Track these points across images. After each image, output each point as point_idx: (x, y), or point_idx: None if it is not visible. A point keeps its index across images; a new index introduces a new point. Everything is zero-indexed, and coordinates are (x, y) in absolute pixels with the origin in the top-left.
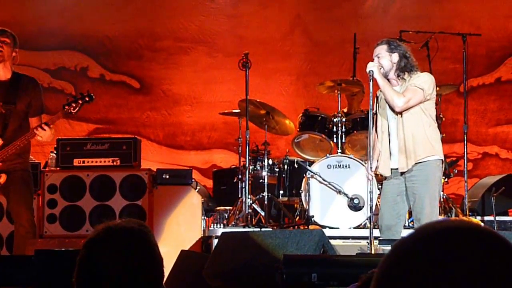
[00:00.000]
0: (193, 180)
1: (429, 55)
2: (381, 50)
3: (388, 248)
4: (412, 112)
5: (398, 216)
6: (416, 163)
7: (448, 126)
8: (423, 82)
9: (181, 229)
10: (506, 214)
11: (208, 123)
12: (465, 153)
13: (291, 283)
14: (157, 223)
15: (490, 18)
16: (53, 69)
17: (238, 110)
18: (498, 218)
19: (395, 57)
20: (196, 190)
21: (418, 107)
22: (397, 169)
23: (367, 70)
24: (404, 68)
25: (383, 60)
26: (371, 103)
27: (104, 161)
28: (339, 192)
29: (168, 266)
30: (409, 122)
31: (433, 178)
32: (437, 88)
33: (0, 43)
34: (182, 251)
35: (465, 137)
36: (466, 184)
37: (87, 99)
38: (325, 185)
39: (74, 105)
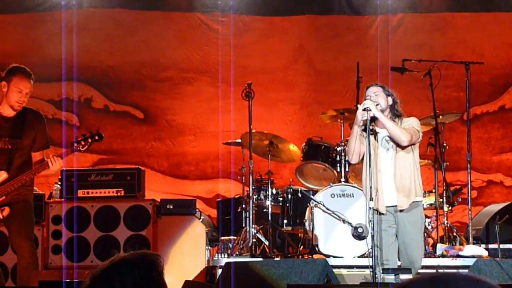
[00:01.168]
0: (197, 210)
1: (432, 84)
2: (378, 90)
3: (391, 277)
4: (407, 151)
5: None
6: (412, 202)
7: (452, 154)
8: (417, 126)
9: (185, 259)
10: (510, 242)
11: (212, 153)
12: (469, 181)
13: None
14: (161, 253)
15: (493, 46)
16: (57, 100)
17: (240, 140)
18: (502, 246)
19: (390, 100)
20: (200, 220)
21: (411, 148)
22: (392, 206)
23: (364, 107)
24: (396, 113)
25: (380, 98)
26: (369, 141)
27: (108, 192)
28: (343, 221)
29: None
30: (405, 161)
31: (422, 218)
32: (440, 117)
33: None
34: (186, 281)
35: (468, 165)
36: (470, 212)
37: (96, 138)
38: (329, 214)
39: (83, 143)
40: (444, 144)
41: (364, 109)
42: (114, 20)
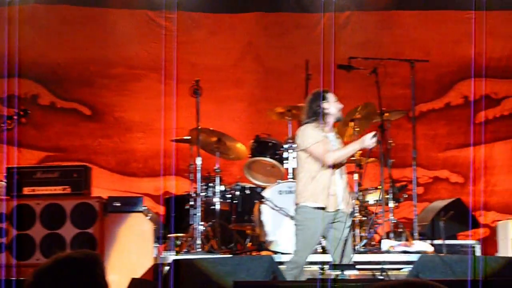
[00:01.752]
0: (144, 207)
1: (378, 81)
2: None
3: (337, 273)
4: None
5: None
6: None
7: (399, 151)
8: None
9: (132, 256)
10: (455, 238)
11: (160, 150)
12: (414, 177)
13: None
14: (108, 250)
15: (439, 44)
16: (2, 97)
17: (189, 137)
18: (447, 241)
19: None
20: (148, 217)
21: None
22: (338, 210)
23: (373, 135)
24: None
25: None
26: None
27: (55, 189)
28: (291, 217)
29: None
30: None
31: None
32: (386, 114)
33: None
34: (133, 279)
35: (414, 162)
36: (415, 208)
37: (22, 113)
38: (277, 211)
39: (9, 121)
40: (390, 141)
41: (373, 136)
42: (62, 16)
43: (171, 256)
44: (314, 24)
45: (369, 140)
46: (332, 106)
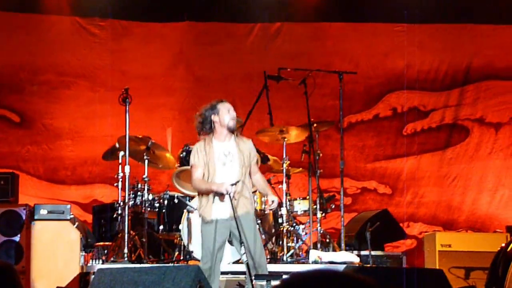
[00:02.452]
0: (71, 215)
1: (306, 92)
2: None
3: (263, 283)
4: None
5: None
6: None
7: (328, 161)
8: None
9: (59, 265)
10: (382, 249)
11: (89, 158)
12: (342, 188)
13: None
14: (35, 258)
15: (369, 55)
16: None
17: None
18: (373, 252)
19: None
20: (75, 225)
21: None
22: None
23: (234, 183)
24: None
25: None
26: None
27: None
28: None
29: None
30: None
31: None
32: (315, 125)
33: None
34: None
35: (341, 173)
36: (342, 219)
37: None
38: None
39: None
40: (318, 152)
41: (232, 184)
42: None
43: (97, 265)
44: (245, 34)
45: (228, 187)
46: (223, 117)
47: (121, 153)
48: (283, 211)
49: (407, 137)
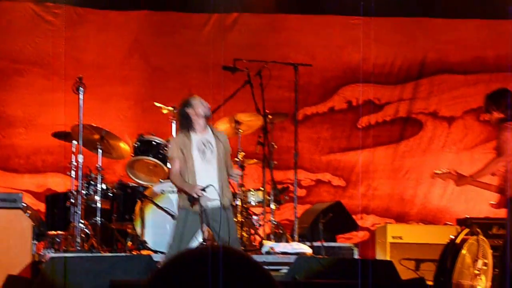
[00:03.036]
0: (23, 204)
1: (262, 84)
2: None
3: None
4: None
5: None
6: None
7: (283, 153)
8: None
9: (10, 253)
10: (334, 240)
11: (43, 146)
12: (295, 180)
13: None
14: None
15: (324, 48)
16: None
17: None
18: (326, 244)
19: None
20: (27, 214)
21: None
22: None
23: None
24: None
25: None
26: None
27: None
28: (173, 217)
29: None
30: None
31: None
32: (270, 116)
33: None
34: (9, 276)
35: (295, 165)
36: (295, 210)
37: None
38: (159, 210)
39: None
40: (273, 143)
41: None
42: None
43: (49, 254)
44: (201, 24)
45: (198, 191)
46: (197, 110)
47: (74, 142)
48: (237, 202)
49: (361, 130)
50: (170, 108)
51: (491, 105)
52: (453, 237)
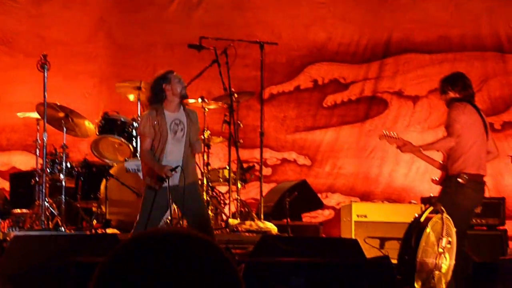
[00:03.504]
0: None
1: (228, 62)
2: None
3: None
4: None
5: None
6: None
7: (248, 132)
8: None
9: None
10: (300, 219)
11: (7, 125)
12: (261, 159)
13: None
14: None
15: (291, 27)
16: None
17: (35, 113)
18: (291, 222)
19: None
20: None
21: None
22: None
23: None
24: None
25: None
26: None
27: None
28: (137, 195)
29: None
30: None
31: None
32: (236, 95)
33: None
34: None
35: (261, 144)
36: (261, 189)
37: None
38: (124, 188)
39: None
40: (239, 122)
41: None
42: None
43: (13, 232)
44: (167, 2)
45: (167, 172)
46: (174, 87)
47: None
48: (203, 181)
49: (327, 109)
50: (131, 88)
51: (447, 85)
52: (417, 216)
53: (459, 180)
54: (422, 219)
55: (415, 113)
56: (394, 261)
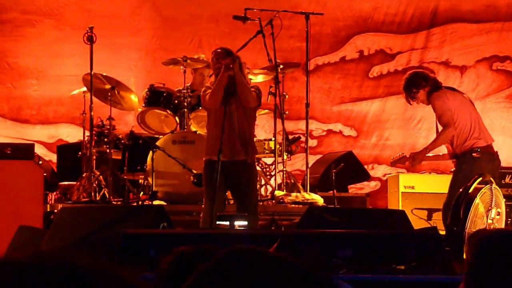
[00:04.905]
0: (35, 154)
1: (273, 33)
2: (225, 55)
3: (226, 223)
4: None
5: None
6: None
7: (294, 103)
8: (260, 94)
9: (22, 204)
10: (346, 190)
11: (54, 97)
12: (307, 130)
13: (129, 258)
14: None
15: None
16: None
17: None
18: (337, 194)
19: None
20: (39, 164)
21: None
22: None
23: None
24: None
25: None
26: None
27: None
28: (184, 167)
29: (8, 242)
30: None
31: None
32: (281, 66)
33: None
34: (21, 226)
35: (306, 115)
36: (307, 160)
37: None
38: (170, 160)
39: None
40: (284, 94)
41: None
42: None
43: (61, 205)
44: None
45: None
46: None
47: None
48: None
49: (373, 80)
50: (177, 59)
51: (411, 89)
52: (466, 186)
53: (474, 154)
54: (471, 190)
55: (462, 83)
56: (442, 233)
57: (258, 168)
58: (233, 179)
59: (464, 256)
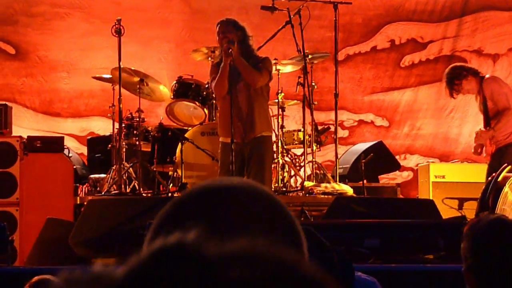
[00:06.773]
0: (65, 147)
1: (301, 23)
2: (227, 29)
3: None
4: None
5: None
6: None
7: (325, 94)
8: (270, 66)
9: (52, 196)
10: (376, 180)
11: (85, 90)
12: (336, 120)
13: None
14: (29, 190)
15: None
16: None
17: (110, 76)
18: (367, 184)
19: (240, 35)
20: (69, 157)
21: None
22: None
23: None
24: (247, 48)
25: (231, 35)
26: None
27: None
28: (213, 159)
29: (37, 234)
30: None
31: (269, 152)
32: (310, 56)
33: None
34: (49, 219)
35: (335, 105)
36: (336, 151)
37: None
38: (199, 152)
39: None
40: (313, 84)
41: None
42: None
43: (91, 197)
44: None
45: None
46: None
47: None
48: (278, 143)
49: (404, 69)
50: (205, 50)
51: (454, 82)
52: (494, 175)
53: None
54: (500, 178)
55: (495, 72)
56: None
57: (287, 158)
58: (247, 160)
59: (461, 252)
